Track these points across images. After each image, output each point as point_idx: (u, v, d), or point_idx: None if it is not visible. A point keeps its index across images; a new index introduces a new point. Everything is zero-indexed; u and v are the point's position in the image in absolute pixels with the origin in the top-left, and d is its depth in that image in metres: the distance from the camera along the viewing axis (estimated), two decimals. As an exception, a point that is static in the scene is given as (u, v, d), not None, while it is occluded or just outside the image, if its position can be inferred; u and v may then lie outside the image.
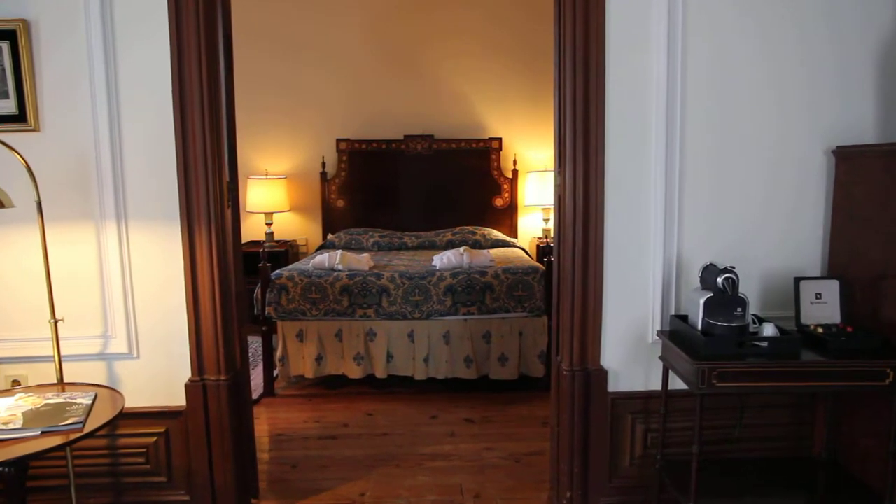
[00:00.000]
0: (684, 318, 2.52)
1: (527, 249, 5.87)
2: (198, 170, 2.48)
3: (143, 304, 2.58)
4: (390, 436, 3.68)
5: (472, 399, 4.22)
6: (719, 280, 2.30)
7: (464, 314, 4.26)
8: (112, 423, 2.08)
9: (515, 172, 6.27)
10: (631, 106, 2.58)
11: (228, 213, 2.67)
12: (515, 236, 6.25)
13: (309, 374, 4.32)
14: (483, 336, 4.30)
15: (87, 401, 2.10)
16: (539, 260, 5.66)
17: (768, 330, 2.32)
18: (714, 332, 2.30)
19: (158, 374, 2.62)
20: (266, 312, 4.30)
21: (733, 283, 2.29)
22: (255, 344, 5.23)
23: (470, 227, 5.95)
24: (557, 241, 2.78)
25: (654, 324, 2.68)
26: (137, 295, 2.57)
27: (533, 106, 6.23)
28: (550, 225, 6.12)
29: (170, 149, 2.49)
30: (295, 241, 6.37)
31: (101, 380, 2.58)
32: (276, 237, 6.22)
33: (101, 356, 2.59)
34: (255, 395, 4.25)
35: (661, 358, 2.60)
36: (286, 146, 6.30)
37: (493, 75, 6.24)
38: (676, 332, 2.53)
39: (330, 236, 5.94)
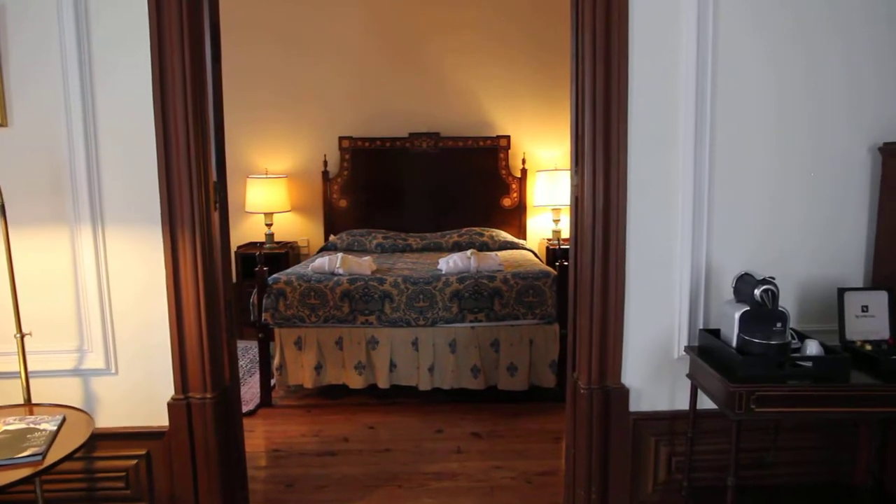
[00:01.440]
0: (715, 333, 2.29)
1: (536, 252, 5.65)
2: (181, 169, 2.26)
3: (122, 316, 2.36)
4: (393, 452, 3.46)
5: (479, 411, 4.00)
6: (757, 292, 2.07)
7: (471, 321, 4.04)
8: (81, 450, 1.86)
9: (524, 171, 6.05)
10: (656, 99, 2.35)
11: (216, 215, 2.45)
12: (524, 238, 6.03)
13: (308, 384, 4.10)
14: (491, 344, 4.07)
15: (52, 426, 1.89)
16: (549, 263, 5.44)
17: (812, 348, 2.08)
18: (751, 350, 2.07)
19: (139, 391, 2.40)
20: (263, 319, 4.08)
21: (773, 296, 2.06)
22: (251, 351, 5.03)
23: (477, 229, 5.73)
24: (574, 245, 2.55)
25: (681, 338, 2.45)
26: (115, 306, 2.35)
27: (543, 102, 6.02)
28: (561, 226, 5.91)
29: (150, 146, 2.27)
30: (296, 242, 6.17)
31: (76, 398, 2.37)
32: (277, 238, 6.01)
33: (75, 372, 2.37)
34: (251, 406, 4.05)
35: (689, 376, 2.37)
36: (287, 144, 6.09)
37: (502, 70, 6.02)
38: (707, 349, 2.29)
39: (332, 237, 5.74)
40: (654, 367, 2.48)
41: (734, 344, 2.11)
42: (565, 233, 5.95)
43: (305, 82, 5.98)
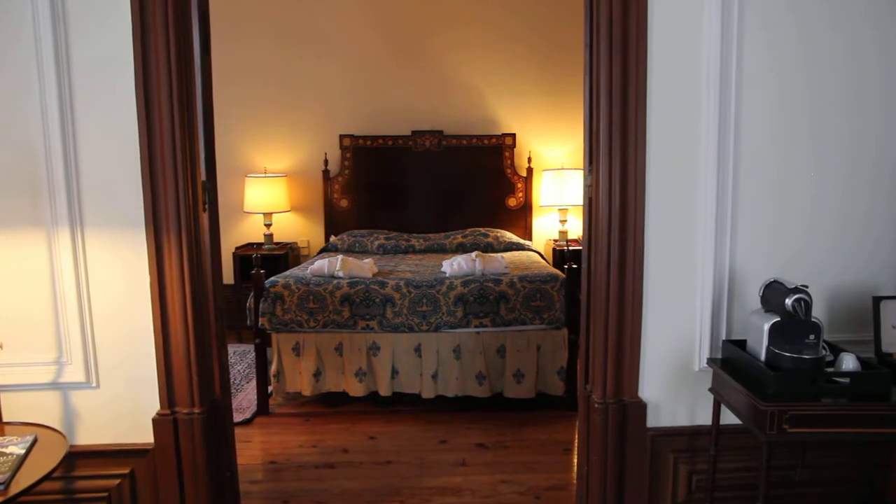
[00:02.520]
0: (741, 345, 2.12)
1: (542, 253, 5.49)
2: (165, 167, 2.09)
3: (103, 326, 2.20)
4: (394, 464, 3.30)
5: (484, 420, 3.84)
6: (789, 301, 1.90)
7: (476, 326, 3.88)
8: (56, 472, 1.71)
9: (530, 171, 5.89)
10: (677, 92, 2.19)
11: (205, 217, 2.29)
12: (530, 239, 5.87)
13: (306, 392, 3.95)
14: (497, 350, 3.91)
15: (20, 449, 1.73)
16: (556, 265, 5.29)
17: (849, 362, 1.91)
18: (782, 365, 1.90)
19: (122, 406, 2.24)
20: (260, 324, 3.92)
21: (806, 306, 1.89)
22: (249, 356, 4.88)
23: (481, 229, 5.58)
24: (588, 249, 2.39)
25: (703, 349, 2.28)
26: (96, 315, 2.19)
27: (549, 100, 5.87)
28: (568, 227, 5.74)
29: (133, 143, 2.11)
30: (295, 243, 6.01)
31: (54, 413, 2.21)
32: (276, 239, 5.86)
33: (53, 385, 2.21)
34: (247, 415, 3.90)
35: (712, 390, 2.20)
36: (286, 142, 5.94)
37: (507, 67, 5.86)
38: (732, 361, 2.13)
39: (332, 238, 5.59)
40: (673, 380, 2.32)
41: (763, 357, 1.94)
42: (572, 234, 5.81)
43: (306, 78, 5.83)
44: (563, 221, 5.75)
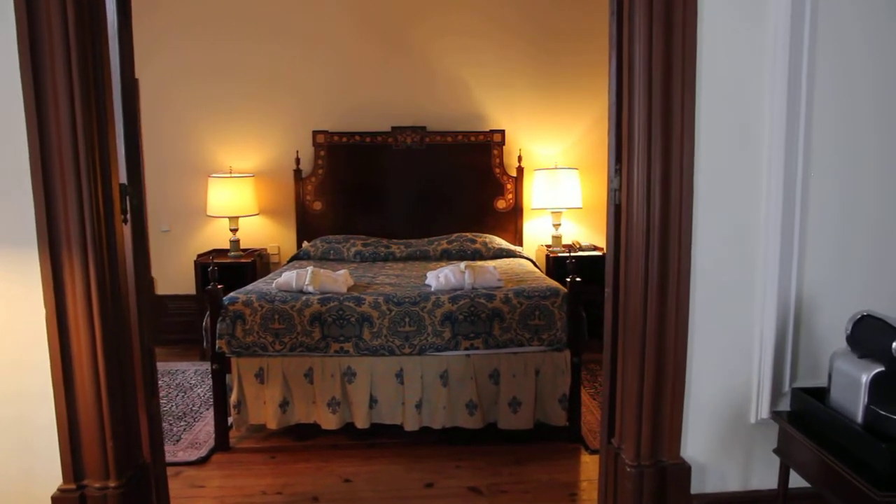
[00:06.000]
0: (816, 394, 1.65)
1: (534, 260, 5.02)
2: (65, 167, 1.58)
3: (-16, 377, 1.68)
4: (373, 516, 2.80)
5: (476, 456, 3.35)
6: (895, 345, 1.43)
7: (466, 348, 3.41)
8: None
9: (520, 170, 5.46)
10: (735, 74, 1.71)
11: (125, 230, 1.77)
12: (520, 244, 5.43)
13: (271, 425, 3.44)
14: (490, 376, 3.44)
15: None
16: (550, 273, 4.84)
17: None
18: (890, 432, 1.43)
19: (10, 482, 1.71)
20: (217, 347, 3.40)
21: (921, 352, 1.43)
22: (203, 385, 4.33)
23: (468, 234, 5.13)
24: (613, 270, 1.91)
25: (762, 397, 1.82)
26: (-26, 362, 1.67)
27: (542, 93, 5.49)
28: (562, 232, 5.29)
29: (19, 134, 1.58)
30: (265, 249, 5.50)
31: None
32: (243, 245, 5.35)
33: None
34: (204, 451, 3.39)
35: (779, 452, 1.73)
36: (254, 139, 5.46)
37: (496, 57, 5.45)
38: (807, 417, 1.66)
39: (305, 244, 5.10)
40: (723, 435, 1.85)
41: (860, 418, 1.48)
42: (566, 238, 5.36)
43: (275, 70, 5.39)
44: (556, 225, 5.31)
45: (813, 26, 1.65)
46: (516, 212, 5.50)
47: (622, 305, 1.86)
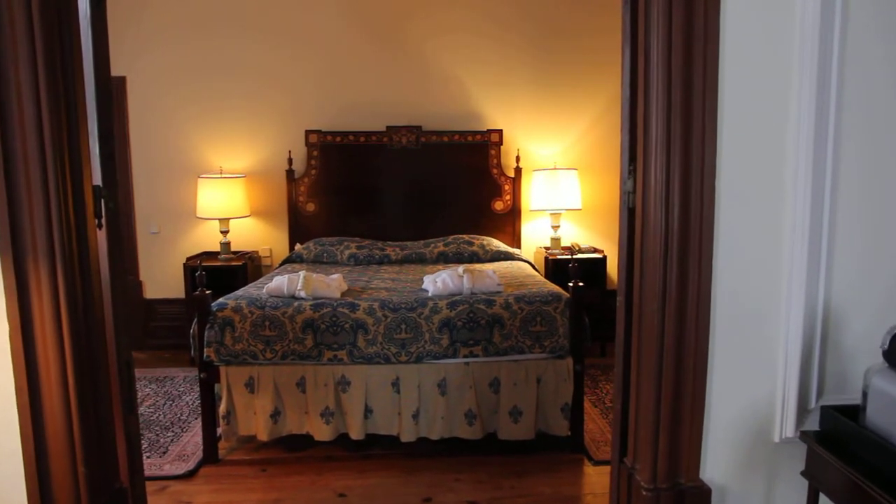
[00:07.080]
0: (848, 412, 1.53)
1: (532, 263, 4.89)
2: (30, 171, 1.43)
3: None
4: (368, 535, 2.66)
5: (475, 467, 3.22)
6: (942, 362, 1.31)
7: (465, 356, 3.28)
8: None
9: (518, 171, 5.32)
10: (762, 67, 1.58)
11: (100, 235, 1.63)
12: (518, 247, 5.31)
13: (262, 436, 3.30)
14: (490, 384, 3.31)
15: None
16: (549, 276, 4.71)
17: None
18: (935, 456, 1.30)
19: (-27, 510, 1.57)
20: (205, 355, 3.26)
21: (969, 370, 1.30)
22: (192, 393, 4.18)
23: (465, 236, 5.01)
24: (626, 278, 1.78)
25: (787, 414, 1.69)
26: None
27: (541, 92, 5.36)
28: (561, 234, 5.15)
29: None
30: (256, 252, 5.36)
31: None
32: (234, 248, 5.20)
33: None
34: (192, 464, 3.26)
35: (807, 475, 1.60)
36: (245, 138, 5.31)
37: (493, 55, 5.31)
38: (839, 438, 1.53)
39: (298, 247, 4.97)
40: (745, 456, 1.72)
41: (901, 442, 1.35)
42: (566, 241, 5.23)
43: (266, 68, 5.24)
44: (555, 227, 5.18)
45: (845, 9, 1.53)
46: (514, 213, 5.37)
47: (636, 316, 1.73)
